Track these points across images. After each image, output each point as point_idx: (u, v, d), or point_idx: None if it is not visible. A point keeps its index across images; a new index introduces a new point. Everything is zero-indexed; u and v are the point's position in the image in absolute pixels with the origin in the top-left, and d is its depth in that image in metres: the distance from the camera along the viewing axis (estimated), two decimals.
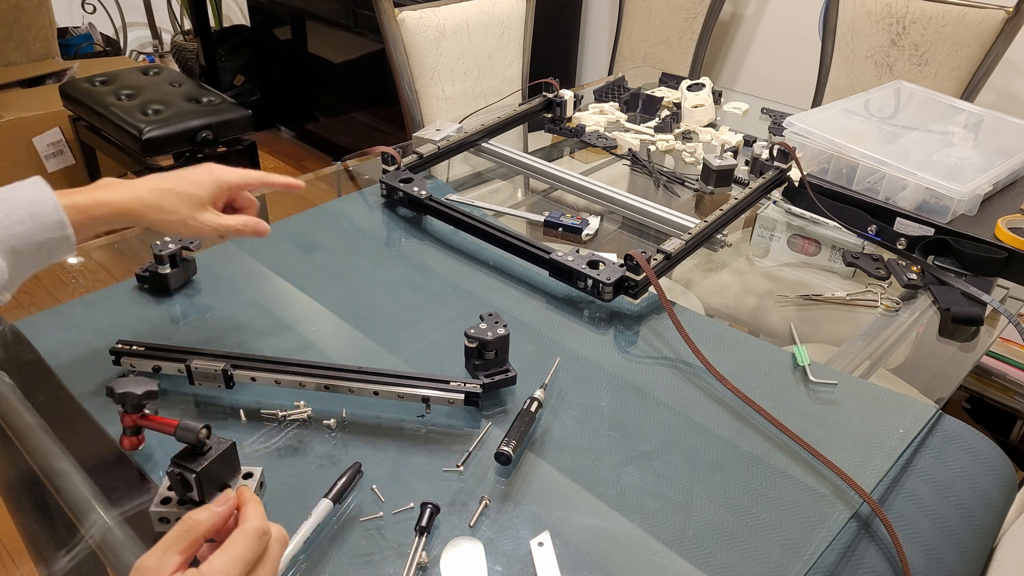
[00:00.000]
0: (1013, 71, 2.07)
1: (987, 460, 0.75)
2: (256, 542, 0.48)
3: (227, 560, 0.46)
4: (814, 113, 1.27)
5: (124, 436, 0.67)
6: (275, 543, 0.50)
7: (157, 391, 0.66)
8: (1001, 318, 0.98)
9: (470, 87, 1.88)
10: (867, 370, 0.87)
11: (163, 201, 0.72)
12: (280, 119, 3.39)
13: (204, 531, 0.48)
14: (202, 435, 0.61)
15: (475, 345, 0.77)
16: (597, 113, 1.56)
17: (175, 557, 0.46)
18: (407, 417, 0.74)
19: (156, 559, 0.46)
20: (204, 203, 0.74)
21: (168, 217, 0.72)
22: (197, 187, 0.74)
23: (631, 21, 2.50)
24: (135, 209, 0.70)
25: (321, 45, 2.90)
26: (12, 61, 2.86)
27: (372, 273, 0.97)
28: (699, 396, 0.80)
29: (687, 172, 1.34)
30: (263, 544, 0.49)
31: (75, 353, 0.80)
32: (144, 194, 0.71)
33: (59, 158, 2.76)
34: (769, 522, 0.66)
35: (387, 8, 1.65)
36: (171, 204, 0.72)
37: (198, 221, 0.73)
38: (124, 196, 0.70)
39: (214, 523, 0.49)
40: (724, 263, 1.10)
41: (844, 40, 1.98)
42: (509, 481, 0.68)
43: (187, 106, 2.28)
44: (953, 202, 1.07)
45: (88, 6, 3.34)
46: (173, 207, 0.72)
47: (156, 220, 0.72)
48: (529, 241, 0.98)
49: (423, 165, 1.23)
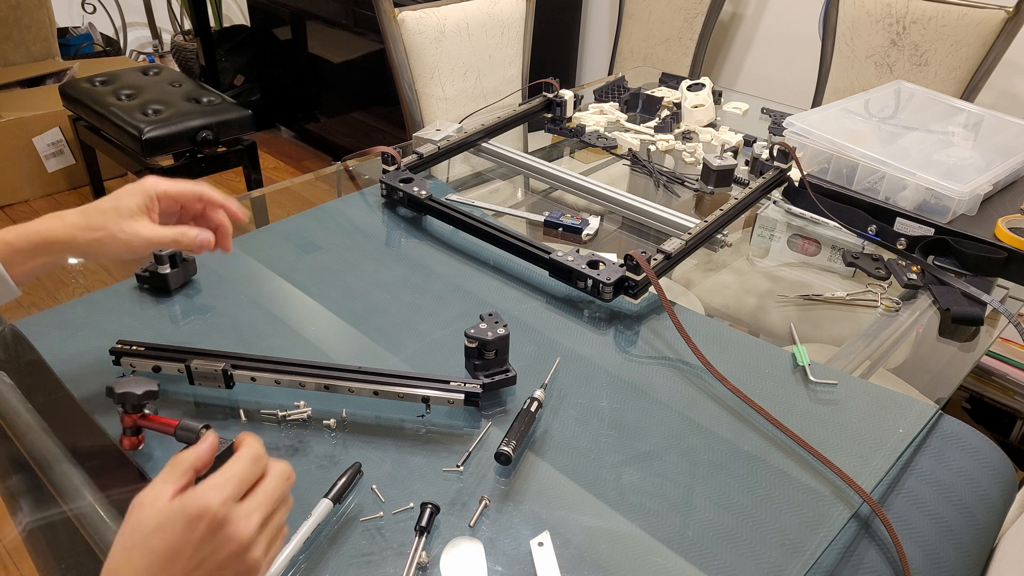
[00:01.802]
0: (1013, 71, 2.07)
1: (987, 460, 0.75)
2: (251, 464, 0.50)
3: (224, 477, 0.48)
4: (814, 113, 1.27)
5: (124, 436, 0.67)
6: (278, 475, 0.51)
7: (157, 391, 0.66)
8: (1001, 318, 0.98)
9: (470, 87, 1.88)
10: (867, 370, 0.87)
11: (88, 220, 0.68)
12: (280, 119, 3.39)
13: (191, 462, 0.50)
14: (202, 435, 0.61)
15: (475, 345, 0.77)
16: (597, 113, 1.56)
17: (169, 487, 0.47)
18: (407, 417, 0.74)
19: (150, 490, 0.47)
20: (133, 213, 0.69)
21: (95, 234, 0.68)
22: (125, 198, 0.70)
23: (631, 21, 2.50)
24: (61, 233, 0.67)
25: (321, 45, 2.90)
26: (12, 61, 2.87)
27: (372, 273, 0.97)
28: (699, 396, 0.80)
29: (687, 172, 1.34)
30: (259, 467, 0.50)
31: (75, 353, 0.80)
32: (68, 217, 0.68)
33: (59, 158, 2.76)
34: (769, 522, 0.66)
35: (387, 8, 1.65)
36: (96, 220, 0.68)
37: (126, 232, 0.68)
38: (50, 223, 0.68)
39: (198, 454, 0.50)
40: (724, 263, 1.10)
41: (844, 40, 1.98)
42: (509, 481, 0.68)
43: (187, 106, 2.28)
44: (953, 202, 1.07)
45: (88, 6, 3.34)
46: (99, 223, 0.68)
47: (84, 240, 0.68)
48: (529, 241, 0.98)
49: (423, 165, 1.23)
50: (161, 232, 0.71)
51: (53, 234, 0.67)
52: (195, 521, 0.45)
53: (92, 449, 0.70)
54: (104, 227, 0.68)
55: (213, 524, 0.46)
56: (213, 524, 0.46)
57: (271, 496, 0.50)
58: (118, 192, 0.71)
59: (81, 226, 0.68)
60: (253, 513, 0.48)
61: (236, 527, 0.46)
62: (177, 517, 0.45)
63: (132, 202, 0.70)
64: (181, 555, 0.45)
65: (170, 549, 0.45)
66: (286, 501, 0.53)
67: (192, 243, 0.72)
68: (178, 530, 0.45)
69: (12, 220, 2.65)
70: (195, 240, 0.72)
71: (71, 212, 0.69)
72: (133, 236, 0.69)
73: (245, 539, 0.47)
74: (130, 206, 0.70)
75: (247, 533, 0.47)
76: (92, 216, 0.68)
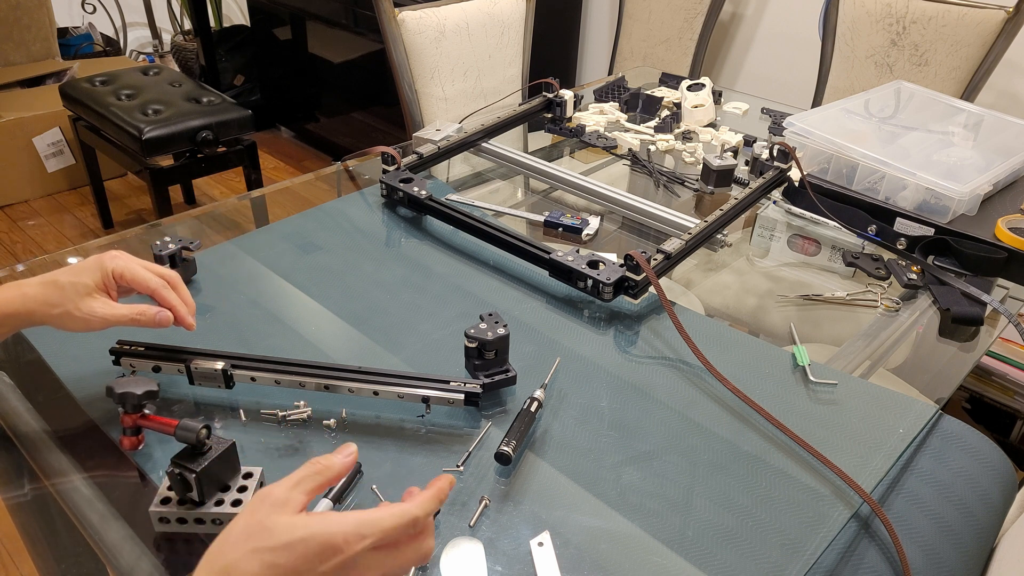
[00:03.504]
0: (1013, 71, 2.07)
1: (987, 460, 0.75)
2: (407, 526, 0.49)
3: (376, 527, 0.48)
4: (814, 113, 1.27)
5: (124, 436, 0.67)
6: (418, 549, 0.51)
7: (157, 391, 0.66)
8: (1001, 318, 0.98)
9: (470, 87, 1.88)
10: (867, 370, 0.87)
11: (47, 295, 0.68)
12: (280, 119, 3.39)
13: (332, 476, 0.51)
14: (202, 435, 0.61)
15: (475, 345, 0.77)
16: (597, 113, 1.56)
17: (302, 496, 0.49)
18: (407, 417, 0.74)
19: (285, 492, 0.48)
20: (90, 291, 0.69)
21: (53, 311, 0.68)
22: (83, 275, 0.70)
23: (631, 21, 2.50)
24: (22, 308, 0.68)
25: (321, 45, 2.90)
26: (12, 61, 2.87)
27: (372, 273, 0.97)
28: (699, 396, 0.80)
29: (687, 172, 1.34)
30: (410, 531, 0.50)
31: (75, 353, 0.80)
32: (28, 291, 0.68)
33: (59, 158, 2.76)
34: (769, 522, 0.66)
35: (387, 8, 1.65)
36: (54, 297, 0.68)
37: (83, 311, 0.68)
38: (8, 296, 0.68)
39: (339, 471, 0.52)
40: (724, 263, 1.10)
41: (844, 40, 1.98)
42: (509, 481, 0.68)
43: (187, 106, 2.28)
44: (953, 202, 1.07)
45: (88, 6, 3.34)
46: (57, 299, 0.68)
47: (44, 315, 0.68)
48: (529, 241, 0.98)
49: (423, 165, 1.23)
50: (119, 311, 0.70)
51: (12, 308, 0.68)
52: (328, 552, 0.46)
53: (92, 449, 0.70)
54: (62, 304, 0.68)
55: (344, 564, 0.47)
56: (344, 564, 0.47)
57: (401, 566, 0.50)
58: (78, 266, 0.71)
59: (40, 301, 0.68)
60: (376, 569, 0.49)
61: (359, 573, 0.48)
62: (314, 539, 0.46)
63: (90, 279, 0.70)
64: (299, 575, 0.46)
65: (294, 570, 0.46)
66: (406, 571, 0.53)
67: (150, 322, 0.71)
68: (309, 555, 0.46)
69: (12, 220, 2.65)
70: (153, 319, 0.72)
71: (31, 284, 0.69)
72: (90, 315, 0.69)
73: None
74: (87, 283, 0.69)
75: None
76: (50, 292, 0.68)
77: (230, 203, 1.16)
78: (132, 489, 0.66)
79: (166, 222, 1.10)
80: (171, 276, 0.75)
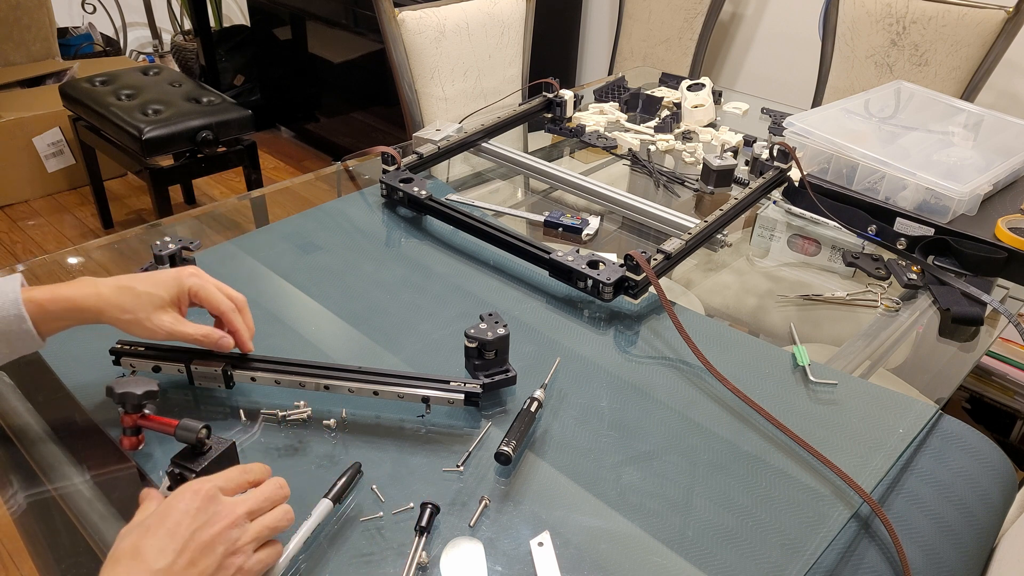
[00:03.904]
0: (1013, 71, 2.07)
1: (987, 460, 0.75)
2: (240, 472, 0.59)
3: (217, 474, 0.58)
4: (814, 113, 1.27)
5: (124, 436, 0.67)
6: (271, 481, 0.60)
7: (157, 391, 0.66)
8: (1001, 318, 0.98)
9: (470, 87, 1.88)
10: (867, 370, 0.87)
11: (121, 299, 0.70)
12: (280, 119, 3.39)
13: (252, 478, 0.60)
14: (202, 435, 0.61)
15: (475, 345, 0.77)
16: (597, 113, 1.56)
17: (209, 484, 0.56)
18: (407, 417, 0.74)
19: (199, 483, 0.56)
20: (164, 304, 0.71)
21: (124, 316, 0.70)
22: (160, 287, 0.71)
23: (631, 21, 2.50)
24: (94, 306, 0.69)
25: (321, 45, 2.90)
26: (12, 61, 2.87)
27: (372, 273, 0.97)
28: (699, 396, 0.80)
29: (687, 172, 1.34)
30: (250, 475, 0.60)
31: (75, 353, 0.80)
32: (104, 291, 0.70)
33: (59, 158, 2.76)
34: (769, 522, 0.66)
35: (387, 8, 1.65)
36: (128, 303, 0.70)
37: (153, 323, 0.70)
38: (84, 292, 0.69)
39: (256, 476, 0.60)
40: (724, 263, 1.10)
41: (844, 40, 1.98)
42: (509, 481, 0.68)
43: (187, 106, 2.28)
44: (953, 202, 1.07)
45: (88, 6, 3.34)
46: (130, 306, 0.70)
47: (113, 318, 0.70)
48: (529, 241, 0.98)
49: (423, 165, 1.23)
50: (186, 329, 0.72)
51: (86, 304, 0.69)
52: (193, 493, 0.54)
53: (92, 449, 0.70)
54: (134, 312, 0.70)
55: (206, 496, 0.54)
56: (206, 496, 0.54)
57: (260, 494, 0.58)
58: (156, 278, 0.72)
59: (113, 304, 0.70)
60: (241, 503, 0.56)
61: (223, 504, 0.55)
62: (181, 491, 0.55)
63: (166, 293, 0.72)
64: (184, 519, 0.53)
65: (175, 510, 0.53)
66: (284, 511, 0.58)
67: (213, 345, 0.74)
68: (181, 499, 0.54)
69: (12, 220, 2.65)
70: (216, 343, 0.74)
71: (107, 285, 0.70)
72: (157, 328, 0.71)
73: (231, 517, 0.54)
74: (163, 296, 0.71)
75: (233, 513, 0.55)
76: (125, 298, 0.70)
77: (230, 203, 1.16)
78: (132, 489, 0.66)
79: (166, 222, 1.10)
80: (239, 300, 0.76)
